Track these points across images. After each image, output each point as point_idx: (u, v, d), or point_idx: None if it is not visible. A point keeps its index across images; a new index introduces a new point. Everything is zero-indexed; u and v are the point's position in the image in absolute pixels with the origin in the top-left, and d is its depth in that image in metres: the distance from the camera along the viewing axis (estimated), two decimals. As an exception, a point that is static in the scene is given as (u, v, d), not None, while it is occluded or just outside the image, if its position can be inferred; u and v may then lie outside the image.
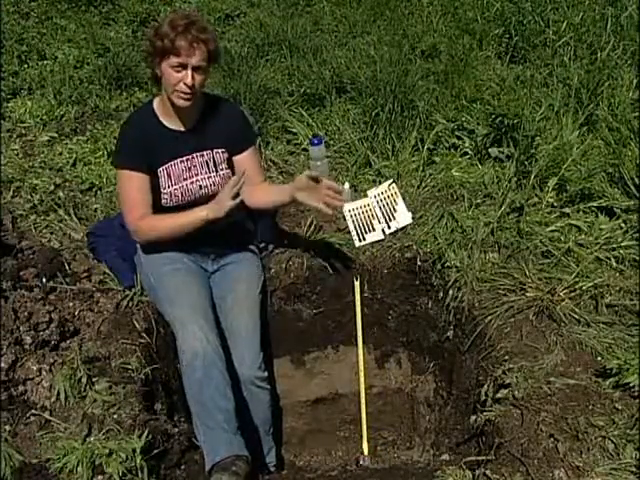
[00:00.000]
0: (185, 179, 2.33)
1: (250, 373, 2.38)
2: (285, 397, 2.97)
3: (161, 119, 2.30)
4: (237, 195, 2.22)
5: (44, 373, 2.21)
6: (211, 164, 2.37)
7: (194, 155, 2.34)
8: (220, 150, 2.38)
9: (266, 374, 2.44)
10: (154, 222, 2.32)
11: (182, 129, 2.32)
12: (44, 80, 3.91)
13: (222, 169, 2.39)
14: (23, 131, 3.53)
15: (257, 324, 2.47)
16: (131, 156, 2.27)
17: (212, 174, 2.37)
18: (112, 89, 3.87)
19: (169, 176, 2.31)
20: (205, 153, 2.36)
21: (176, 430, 2.32)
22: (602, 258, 2.57)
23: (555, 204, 2.87)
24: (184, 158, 2.33)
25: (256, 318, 2.48)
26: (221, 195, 2.25)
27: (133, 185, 2.28)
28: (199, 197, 2.36)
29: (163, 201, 2.33)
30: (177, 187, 2.33)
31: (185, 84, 2.15)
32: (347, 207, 2.94)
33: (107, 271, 2.60)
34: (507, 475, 1.93)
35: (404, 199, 2.94)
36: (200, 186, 2.36)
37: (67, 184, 3.13)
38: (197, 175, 2.35)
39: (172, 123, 2.31)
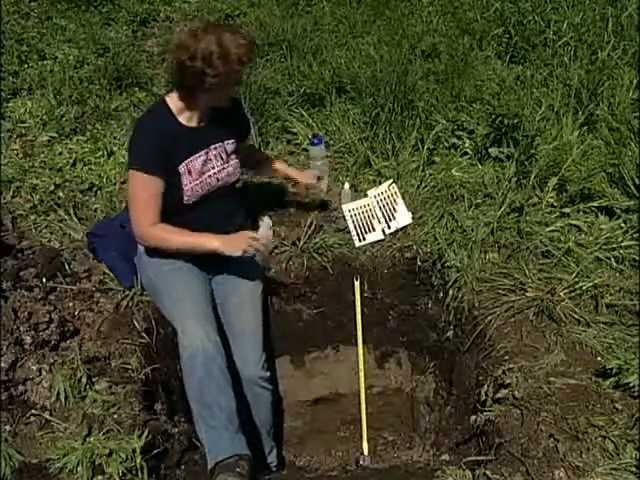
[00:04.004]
0: (203, 173, 2.35)
1: (254, 373, 2.39)
2: (285, 397, 2.98)
3: (178, 117, 2.30)
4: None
5: (44, 373, 2.21)
6: (224, 155, 2.40)
7: (210, 148, 2.37)
8: (230, 141, 2.42)
9: (269, 374, 2.45)
10: (165, 235, 2.29)
11: (196, 125, 2.33)
12: (44, 80, 3.90)
13: (232, 159, 2.43)
14: (23, 131, 3.52)
15: (260, 324, 2.48)
16: (150, 159, 2.23)
17: (225, 165, 2.40)
18: (112, 89, 3.87)
19: (190, 172, 2.31)
20: (217, 145, 2.38)
21: (176, 430, 2.33)
22: (602, 258, 2.57)
23: (555, 204, 2.87)
24: (202, 152, 2.34)
25: (259, 318, 2.49)
26: (242, 237, 2.26)
27: (148, 190, 2.25)
28: (214, 190, 2.38)
29: (185, 199, 2.31)
30: (197, 182, 2.33)
31: (235, 93, 2.30)
32: (347, 207, 2.95)
33: (107, 271, 2.60)
34: (507, 475, 1.93)
35: (404, 199, 2.95)
36: (217, 178, 2.38)
37: (67, 184, 3.13)
38: (213, 168, 2.37)
39: (188, 120, 2.31)
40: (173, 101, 2.29)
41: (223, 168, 2.39)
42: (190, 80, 2.17)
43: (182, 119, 2.29)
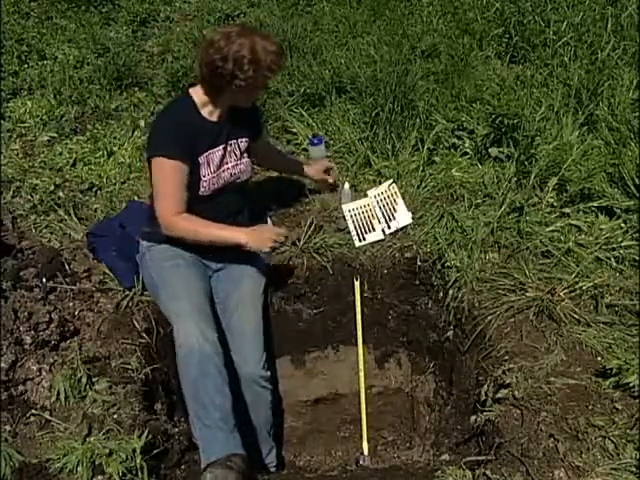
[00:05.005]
0: (220, 167, 2.39)
1: (254, 372, 2.39)
2: (285, 397, 2.98)
3: (200, 110, 2.34)
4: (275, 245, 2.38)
5: (44, 373, 2.21)
6: (238, 152, 2.46)
7: (226, 144, 2.41)
8: (244, 139, 2.48)
9: (269, 373, 2.45)
10: (194, 227, 2.32)
11: (216, 120, 2.37)
12: (44, 80, 3.90)
13: (245, 157, 2.48)
14: (23, 131, 3.53)
15: (261, 323, 2.49)
16: (174, 145, 2.26)
17: (239, 162, 2.46)
18: (112, 89, 3.87)
19: (209, 164, 2.36)
20: (232, 142, 2.43)
21: (176, 430, 2.33)
22: (602, 258, 2.57)
23: (555, 204, 2.87)
24: (220, 147, 2.39)
25: (260, 317, 2.50)
26: (266, 232, 2.35)
27: (176, 178, 2.28)
28: (227, 185, 2.43)
29: (201, 189, 2.36)
30: (214, 175, 2.38)
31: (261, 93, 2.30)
32: (347, 207, 2.95)
33: (107, 271, 2.60)
34: (507, 475, 1.93)
35: (404, 199, 2.95)
36: (231, 174, 2.44)
37: (67, 184, 3.13)
38: (228, 163, 2.42)
39: (209, 114, 2.36)
40: (197, 94, 2.33)
41: (236, 164, 2.45)
42: (218, 79, 2.23)
43: (204, 112, 2.34)
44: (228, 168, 2.42)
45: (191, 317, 2.22)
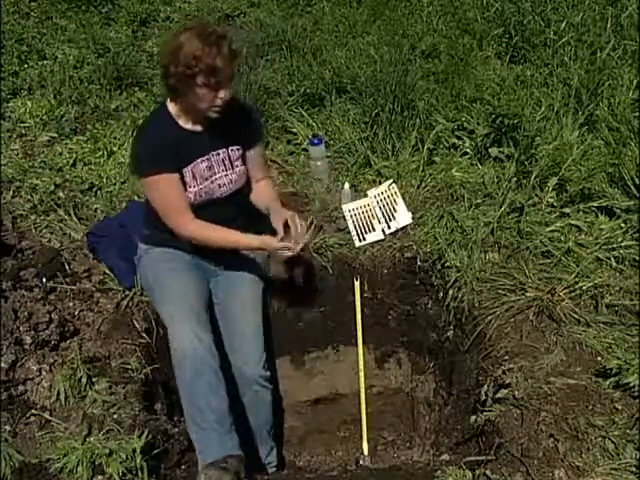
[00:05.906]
0: (207, 179, 2.31)
1: (255, 372, 2.38)
2: (285, 397, 2.98)
3: (178, 122, 2.27)
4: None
5: (44, 373, 2.21)
6: (227, 162, 2.36)
7: (212, 154, 2.32)
8: (235, 147, 2.37)
9: (269, 373, 2.44)
10: (222, 234, 2.30)
11: (198, 129, 2.29)
12: (44, 80, 3.90)
13: (237, 166, 2.38)
14: (23, 131, 3.53)
15: (261, 324, 2.48)
16: (162, 160, 2.21)
17: (229, 172, 2.36)
18: (112, 89, 3.87)
19: (194, 176, 2.28)
20: (221, 151, 2.34)
21: (176, 430, 2.32)
22: (602, 258, 2.57)
23: (555, 204, 2.87)
24: (205, 157, 2.30)
25: (260, 318, 2.49)
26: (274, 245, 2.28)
27: (173, 189, 2.24)
28: (217, 197, 2.35)
29: (189, 200, 2.30)
30: (202, 186, 2.30)
31: (222, 99, 2.14)
32: (347, 207, 2.95)
33: (107, 271, 2.60)
34: (507, 475, 1.93)
35: (404, 199, 2.95)
36: (219, 185, 2.34)
37: (67, 184, 3.13)
38: (216, 174, 2.33)
39: (189, 124, 2.28)
40: (172, 105, 2.27)
41: (226, 175, 2.35)
42: (165, 79, 2.17)
43: (182, 122, 2.27)
44: (216, 179, 2.33)
45: (186, 320, 2.21)
